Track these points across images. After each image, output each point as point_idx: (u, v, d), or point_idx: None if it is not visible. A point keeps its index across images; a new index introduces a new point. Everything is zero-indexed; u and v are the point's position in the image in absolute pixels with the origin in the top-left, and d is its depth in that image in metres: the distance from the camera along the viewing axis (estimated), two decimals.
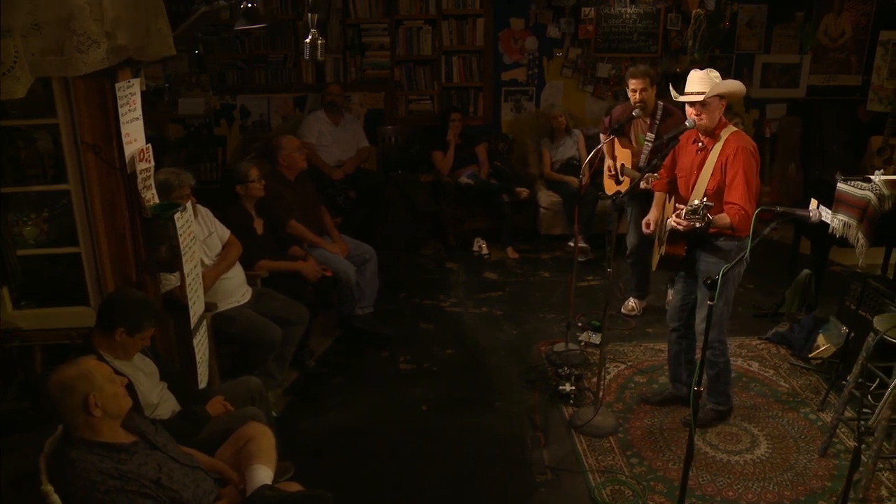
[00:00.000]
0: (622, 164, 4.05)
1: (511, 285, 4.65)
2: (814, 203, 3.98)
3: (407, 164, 5.38)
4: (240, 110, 5.41)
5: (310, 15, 2.46)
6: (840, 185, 3.72)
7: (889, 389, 1.83)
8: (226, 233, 3.26)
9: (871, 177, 3.66)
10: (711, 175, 2.79)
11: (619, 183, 4.16)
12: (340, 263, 3.73)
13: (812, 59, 5.71)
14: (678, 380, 3.24)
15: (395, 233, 5.06)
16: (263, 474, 2.16)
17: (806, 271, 4.09)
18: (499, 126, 5.67)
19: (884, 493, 2.75)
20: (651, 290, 4.29)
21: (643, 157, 3.90)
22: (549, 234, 5.22)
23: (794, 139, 5.78)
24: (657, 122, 3.84)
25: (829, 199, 3.73)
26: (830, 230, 3.75)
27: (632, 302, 4.26)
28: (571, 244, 5.10)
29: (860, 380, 3.27)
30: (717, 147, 2.78)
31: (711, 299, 2.09)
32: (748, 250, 2.14)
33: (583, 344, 3.80)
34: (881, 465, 2.88)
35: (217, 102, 5.31)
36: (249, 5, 2.52)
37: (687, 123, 2.82)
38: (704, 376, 3.13)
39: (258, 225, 3.50)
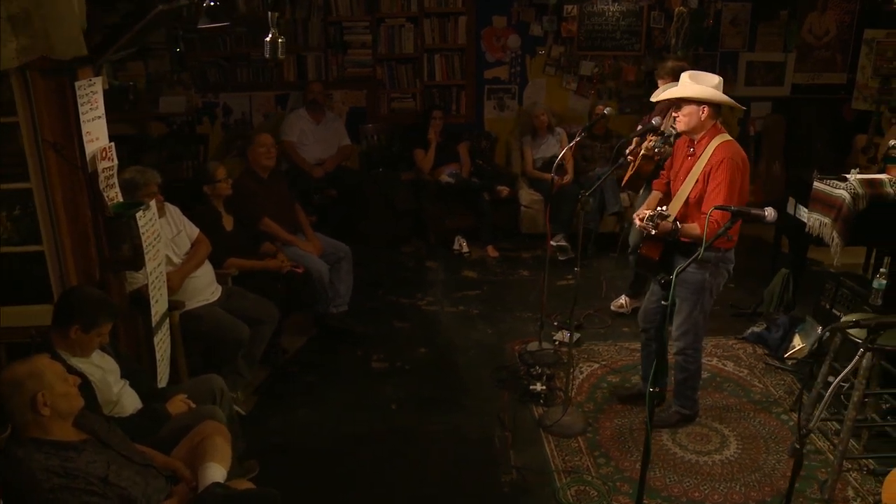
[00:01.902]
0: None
1: (489, 284, 4.64)
2: (791, 202, 4.01)
3: (389, 162, 5.38)
4: (222, 108, 5.40)
5: (269, 14, 2.45)
6: (816, 184, 3.70)
7: (829, 390, 1.82)
8: (194, 231, 3.24)
9: (847, 175, 3.65)
10: (695, 183, 2.75)
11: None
12: (313, 262, 3.72)
13: (797, 58, 5.70)
14: (647, 378, 3.22)
15: (375, 231, 5.06)
16: (216, 472, 2.15)
17: (784, 270, 4.07)
18: (481, 124, 5.66)
19: (850, 493, 2.74)
20: (647, 290, 4.25)
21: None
22: (530, 233, 5.21)
23: (779, 137, 5.76)
24: None
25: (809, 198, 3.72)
26: (807, 229, 3.74)
27: (622, 299, 4.24)
28: (552, 242, 5.09)
29: (829, 379, 3.26)
30: (706, 156, 2.73)
31: (665, 299, 2.08)
32: (702, 250, 2.12)
33: (557, 343, 3.78)
34: (849, 466, 2.87)
35: (199, 100, 5.30)
36: (213, 4, 2.50)
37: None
38: (672, 378, 3.15)
39: (227, 222, 3.50)
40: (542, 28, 5.44)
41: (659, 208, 2.44)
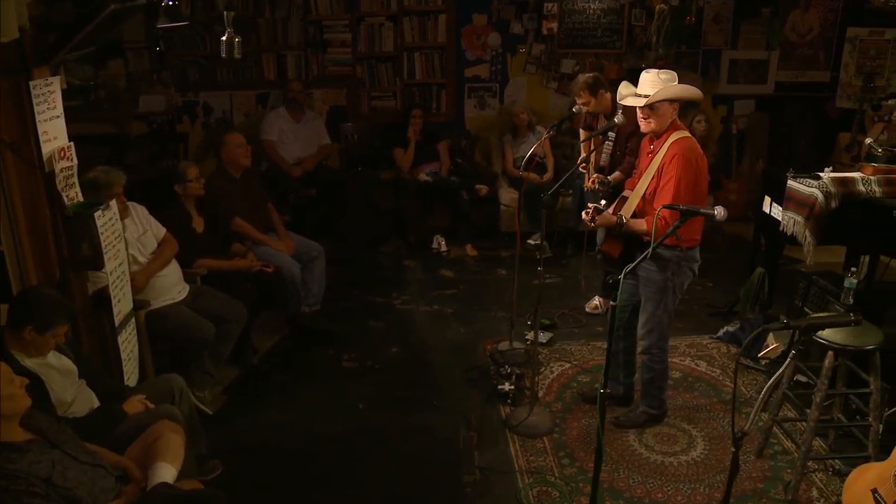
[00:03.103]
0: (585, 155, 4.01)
1: (466, 283, 4.63)
2: (767, 200, 3.98)
3: (369, 161, 5.37)
4: (202, 107, 5.39)
5: (225, 13, 2.44)
6: (790, 183, 3.67)
7: (762, 394, 1.81)
8: (161, 230, 3.24)
9: (821, 174, 3.62)
10: (651, 179, 2.75)
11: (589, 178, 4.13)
12: (285, 261, 3.71)
13: (780, 56, 5.67)
14: (614, 378, 3.22)
15: (355, 230, 5.05)
16: (165, 472, 2.15)
17: (759, 269, 4.05)
18: (462, 123, 5.64)
19: (814, 493, 2.73)
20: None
21: (603, 157, 3.88)
22: (509, 232, 5.20)
23: (762, 136, 5.74)
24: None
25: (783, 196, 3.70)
26: (781, 227, 3.72)
27: (596, 300, 4.23)
28: (531, 241, 5.09)
29: (800, 378, 3.25)
30: (662, 151, 2.72)
31: (614, 300, 2.06)
32: (651, 249, 2.11)
33: (529, 343, 3.77)
34: (815, 466, 2.86)
35: (179, 99, 5.30)
36: (171, 3, 2.49)
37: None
38: (640, 378, 3.14)
39: (198, 224, 3.49)
40: (523, 26, 5.43)
41: (600, 203, 2.43)
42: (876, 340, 2.61)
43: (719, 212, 2.10)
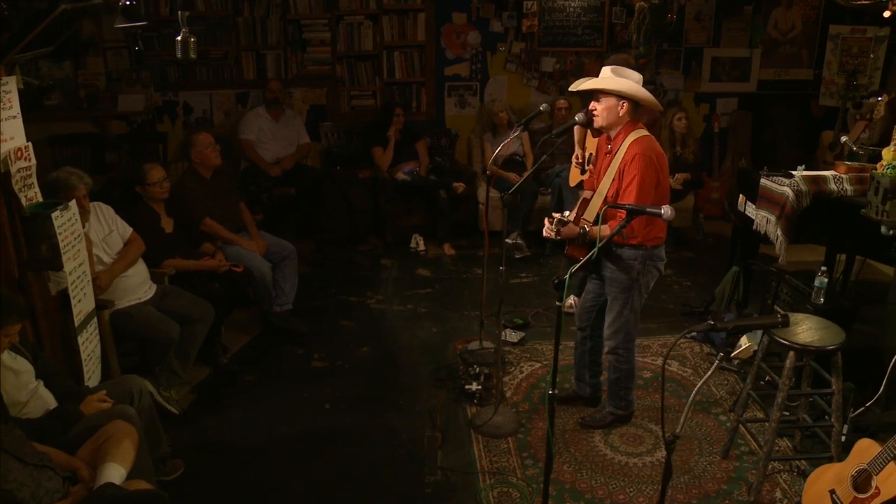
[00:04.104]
0: (590, 154, 3.98)
1: (442, 282, 4.61)
2: (742, 199, 3.97)
3: (348, 160, 5.35)
4: (182, 106, 5.38)
5: (180, 13, 2.42)
6: (763, 181, 3.65)
7: (691, 397, 1.79)
8: (127, 230, 3.23)
9: (793, 172, 3.60)
10: (612, 181, 2.73)
11: (583, 173, 4.09)
12: (255, 261, 3.70)
13: (763, 53, 5.63)
14: (581, 379, 3.20)
15: (333, 229, 5.03)
16: (112, 472, 2.14)
17: (734, 269, 4.03)
18: (442, 121, 5.62)
19: (778, 494, 2.71)
20: None
21: None
22: (489, 230, 5.17)
23: (745, 134, 5.71)
24: None
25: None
26: (755, 226, 3.70)
27: (571, 299, 4.21)
28: (509, 240, 5.06)
29: (763, 381, 3.24)
30: (621, 152, 2.70)
31: (559, 300, 2.05)
32: (597, 248, 2.09)
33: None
34: (781, 467, 2.84)
35: (159, 99, 5.29)
36: (129, 3, 2.48)
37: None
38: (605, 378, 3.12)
39: (166, 224, 3.48)
40: (503, 24, 5.40)
41: (562, 213, 2.42)
42: (837, 340, 2.59)
43: (667, 211, 2.08)
